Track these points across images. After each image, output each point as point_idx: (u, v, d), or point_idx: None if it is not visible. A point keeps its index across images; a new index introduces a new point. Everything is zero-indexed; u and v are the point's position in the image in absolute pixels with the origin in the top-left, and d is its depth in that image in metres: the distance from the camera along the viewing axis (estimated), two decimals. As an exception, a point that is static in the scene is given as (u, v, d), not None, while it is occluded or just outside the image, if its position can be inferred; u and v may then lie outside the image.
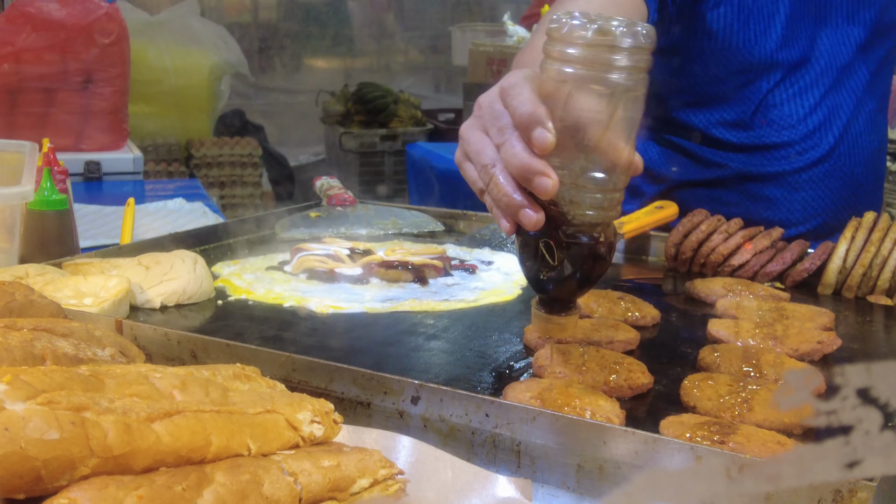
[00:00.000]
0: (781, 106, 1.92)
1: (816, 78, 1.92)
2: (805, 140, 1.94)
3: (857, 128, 1.97)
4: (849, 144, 1.96)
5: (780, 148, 1.94)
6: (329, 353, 1.32)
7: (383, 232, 2.05)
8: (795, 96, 1.92)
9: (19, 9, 3.66)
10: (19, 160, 2.08)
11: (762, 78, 1.89)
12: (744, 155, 1.95)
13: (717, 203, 1.96)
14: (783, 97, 1.92)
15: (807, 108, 1.92)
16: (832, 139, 1.94)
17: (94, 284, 1.44)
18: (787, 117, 1.92)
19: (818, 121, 1.93)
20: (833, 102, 1.94)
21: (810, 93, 1.92)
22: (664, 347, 1.37)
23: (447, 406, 1.09)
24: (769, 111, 1.92)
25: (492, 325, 1.47)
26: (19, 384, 0.75)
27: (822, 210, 1.98)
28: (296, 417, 0.91)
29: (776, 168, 1.95)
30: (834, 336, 1.33)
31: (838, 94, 1.94)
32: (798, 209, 1.97)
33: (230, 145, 5.93)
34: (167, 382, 0.87)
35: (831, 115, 1.94)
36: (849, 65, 1.94)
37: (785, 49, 1.88)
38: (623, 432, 0.99)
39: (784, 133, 1.93)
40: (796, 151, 1.94)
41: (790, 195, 1.97)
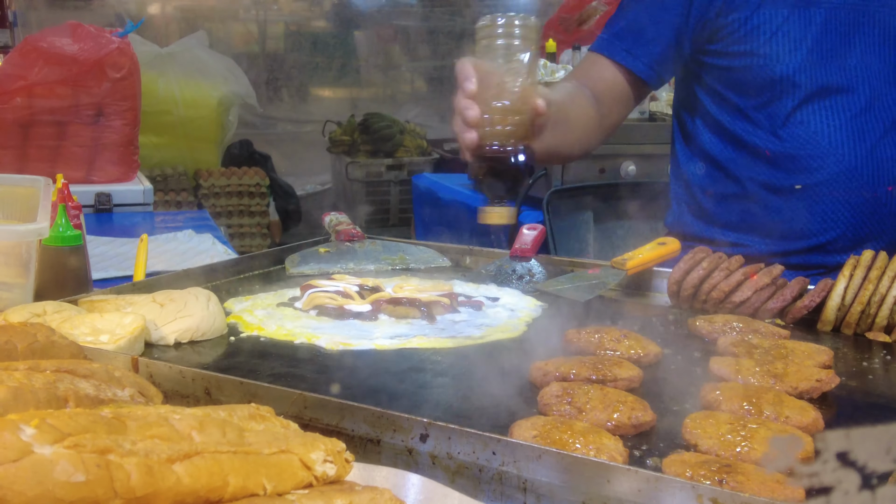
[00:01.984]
0: (807, 123, 2.06)
1: (846, 99, 2.04)
2: (826, 156, 2.05)
3: (884, 151, 2.05)
4: (874, 166, 2.05)
5: (802, 160, 2.06)
6: (340, 389, 1.35)
7: (391, 267, 2.09)
8: (822, 114, 2.05)
9: (32, 44, 3.72)
10: (33, 194, 2.12)
11: (788, 95, 2.05)
12: (770, 166, 2.10)
13: (743, 212, 2.16)
14: (809, 114, 2.05)
15: (832, 127, 2.04)
16: (854, 158, 2.04)
17: (110, 322, 1.48)
18: (813, 133, 2.05)
19: (842, 139, 2.04)
20: (861, 124, 2.04)
21: (838, 113, 2.04)
22: (667, 385, 1.40)
23: (455, 444, 1.12)
24: (796, 127, 2.06)
25: (498, 361, 1.50)
26: (47, 428, 0.78)
27: (840, 223, 2.07)
28: (309, 457, 0.95)
29: (798, 180, 2.07)
30: (832, 374, 1.36)
31: (868, 116, 2.05)
32: (817, 220, 2.08)
33: (238, 175, 5.99)
34: (186, 424, 0.91)
35: (857, 135, 2.04)
36: (881, 90, 2.04)
37: (809, 70, 2.02)
38: (626, 471, 1.02)
39: (808, 147, 2.06)
40: (817, 165, 2.06)
41: (811, 206, 2.08)
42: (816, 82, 2.04)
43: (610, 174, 3.88)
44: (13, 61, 3.72)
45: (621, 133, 3.88)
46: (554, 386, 1.29)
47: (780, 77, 2.05)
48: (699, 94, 2.23)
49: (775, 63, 2.04)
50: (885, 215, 2.08)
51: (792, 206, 2.10)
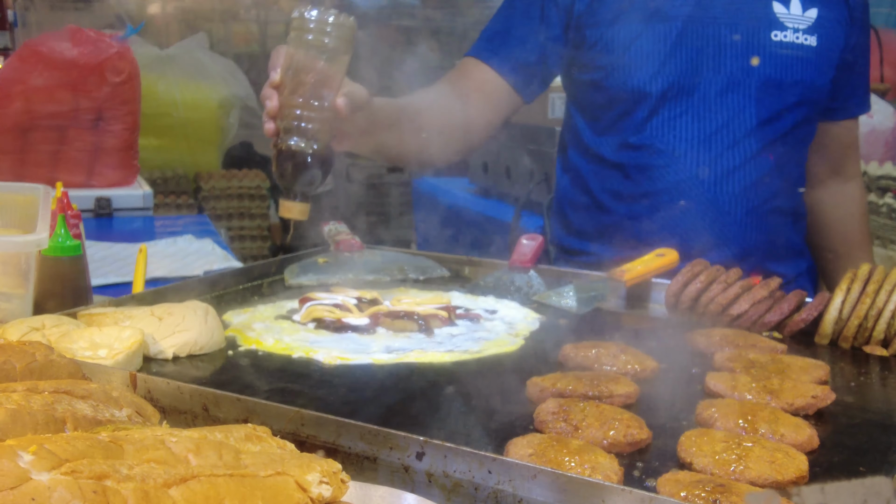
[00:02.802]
0: (656, 133, 2.19)
1: (695, 110, 2.17)
2: (670, 164, 2.18)
3: (730, 161, 2.17)
4: (717, 175, 2.17)
5: (649, 169, 2.20)
6: (336, 406, 1.36)
7: (390, 278, 2.09)
8: (671, 124, 2.18)
9: (32, 48, 3.73)
10: (32, 202, 2.13)
11: (640, 107, 2.18)
12: (621, 176, 2.24)
13: (595, 221, 2.31)
14: (659, 124, 2.18)
15: (678, 137, 2.17)
16: (695, 167, 2.17)
17: (109, 336, 1.49)
18: (661, 143, 2.19)
19: (686, 148, 2.17)
20: (709, 134, 2.17)
21: (686, 123, 2.17)
22: (663, 401, 1.41)
23: (451, 462, 1.12)
24: (646, 136, 2.20)
25: (495, 376, 1.51)
26: (44, 454, 0.79)
27: (682, 230, 2.18)
28: (305, 479, 0.95)
29: (644, 188, 2.21)
30: (828, 390, 1.36)
31: (716, 126, 2.17)
32: (659, 227, 2.19)
33: (238, 178, 5.98)
34: (182, 447, 0.91)
35: (703, 144, 2.17)
36: (734, 110, 2.17)
37: (660, 83, 2.15)
38: (620, 490, 1.02)
39: (654, 156, 2.19)
40: (660, 174, 2.20)
41: (656, 214, 2.21)
42: (667, 94, 2.16)
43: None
44: (13, 66, 3.73)
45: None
46: (550, 402, 1.29)
47: (633, 89, 2.17)
48: (570, 110, 2.36)
49: (628, 76, 2.17)
50: (728, 223, 2.18)
51: (639, 215, 2.22)
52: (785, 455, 1.15)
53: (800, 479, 1.13)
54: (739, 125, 2.17)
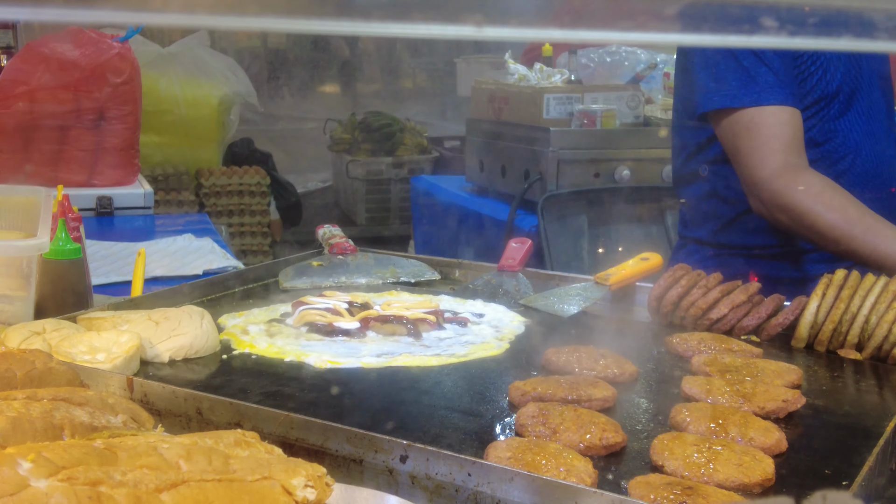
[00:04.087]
0: (839, 128, 2.25)
1: (859, 107, 2.26)
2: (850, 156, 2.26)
3: (889, 151, 2.31)
4: (889, 164, 2.30)
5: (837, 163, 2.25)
6: (326, 409, 1.41)
7: (382, 281, 2.15)
8: (849, 119, 2.26)
9: (34, 49, 3.78)
10: (34, 204, 2.18)
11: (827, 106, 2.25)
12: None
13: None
14: (841, 120, 2.25)
15: (858, 131, 2.26)
16: (874, 158, 2.27)
17: (107, 340, 1.54)
18: (843, 138, 2.26)
19: (861, 141, 2.26)
20: (873, 128, 2.27)
21: (854, 119, 2.26)
22: (640, 405, 1.46)
23: (433, 465, 1.18)
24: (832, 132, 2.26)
25: (479, 380, 1.56)
26: (42, 461, 0.84)
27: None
28: (290, 483, 1.00)
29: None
30: (798, 395, 1.41)
31: (877, 121, 2.28)
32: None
33: (239, 175, 6.04)
34: (174, 453, 0.97)
35: (871, 138, 2.27)
36: (881, 102, 2.30)
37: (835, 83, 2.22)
38: (592, 493, 1.08)
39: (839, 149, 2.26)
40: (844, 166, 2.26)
41: None
42: (838, 93, 2.23)
43: (604, 178, 3.92)
44: (15, 66, 3.78)
45: (615, 137, 3.94)
46: (530, 407, 1.34)
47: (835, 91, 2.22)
48: None
49: (831, 78, 2.21)
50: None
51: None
52: (752, 458, 1.20)
53: (766, 481, 1.18)
54: (883, 117, 2.28)
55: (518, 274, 2.10)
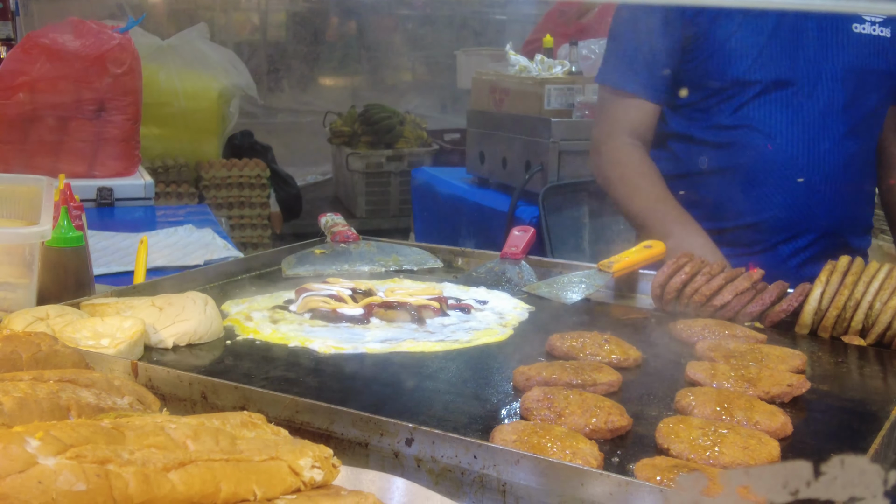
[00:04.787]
0: (756, 115, 2.32)
1: (790, 96, 2.31)
2: (767, 143, 2.31)
3: (823, 145, 2.31)
4: (810, 156, 2.31)
5: (746, 147, 2.34)
6: (330, 393, 1.41)
7: (385, 269, 2.15)
8: (770, 108, 2.31)
9: (34, 40, 3.77)
10: (35, 193, 2.18)
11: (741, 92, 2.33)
12: (722, 151, 2.37)
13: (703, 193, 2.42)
14: (759, 108, 2.32)
15: (774, 119, 2.31)
16: (793, 147, 2.30)
17: (111, 326, 1.54)
18: (760, 124, 2.32)
19: (779, 130, 2.31)
20: (802, 120, 2.31)
21: (781, 108, 2.31)
22: (645, 389, 1.46)
23: (438, 448, 1.18)
24: (743, 118, 2.34)
25: (484, 366, 1.56)
26: (50, 440, 0.84)
27: (774, 205, 2.31)
28: (297, 463, 1.00)
29: (742, 165, 2.34)
30: (803, 379, 1.41)
31: (810, 115, 2.31)
32: (753, 200, 2.34)
33: (238, 167, 6.04)
34: (181, 433, 0.96)
35: (796, 128, 2.31)
36: (824, 97, 2.31)
37: (759, 71, 2.29)
38: (599, 475, 1.08)
39: (751, 136, 2.33)
40: (759, 152, 2.33)
41: (752, 189, 2.34)
42: (764, 81, 2.31)
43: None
44: (16, 57, 3.77)
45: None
46: (535, 391, 1.34)
47: (734, 78, 2.32)
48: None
49: (727, 66, 2.32)
50: (818, 202, 2.32)
51: (733, 188, 2.36)
52: (758, 441, 1.20)
53: (771, 464, 1.18)
54: (828, 111, 2.31)
55: (521, 262, 2.10)
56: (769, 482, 0.45)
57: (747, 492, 0.48)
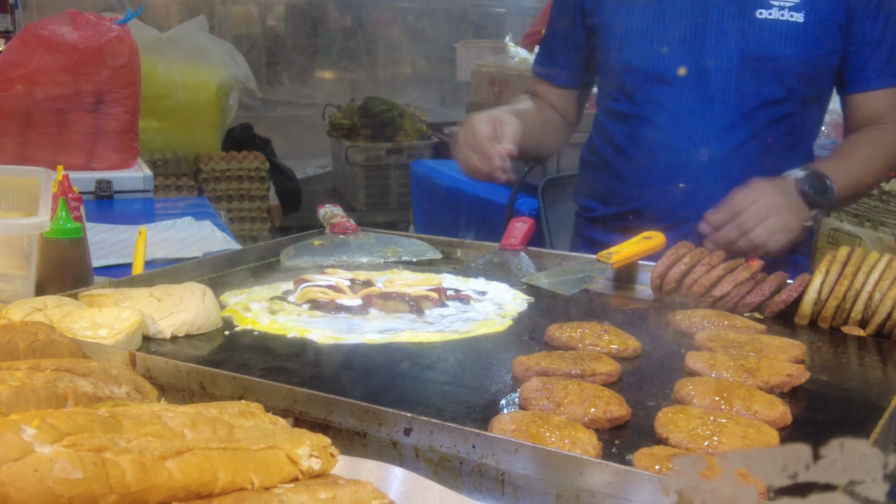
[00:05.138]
0: (644, 102, 2.39)
1: (677, 84, 2.34)
2: (655, 130, 2.37)
3: (708, 132, 2.32)
4: (689, 142, 2.33)
5: (637, 137, 2.41)
6: (329, 383, 1.41)
7: (384, 260, 2.14)
8: (656, 95, 2.36)
9: (32, 32, 3.76)
10: (34, 185, 2.17)
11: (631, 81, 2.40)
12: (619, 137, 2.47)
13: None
14: (647, 95, 2.38)
15: (664, 109, 2.35)
16: (674, 131, 2.34)
17: (109, 316, 1.53)
18: (650, 113, 2.37)
19: (669, 120, 2.35)
20: (692, 109, 2.33)
21: (673, 97, 2.35)
22: (644, 379, 1.46)
23: (437, 437, 1.17)
24: (637, 106, 2.41)
25: (482, 356, 1.56)
26: (46, 428, 0.84)
27: (656, 192, 2.34)
28: (295, 452, 1.00)
29: (632, 152, 2.42)
30: (803, 369, 1.41)
31: (701, 104, 2.32)
32: (639, 187, 2.40)
33: (238, 160, 6.03)
34: (178, 422, 0.96)
35: (687, 118, 2.33)
36: (716, 85, 2.31)
37: (646, 58, 2.36)
38: (597, 464, 1.07)
39: (641, 125, 2.40)
40: (647, 138, 2.39)
41: (637, 175, 2.41)
42: (656, 69, 2.35)
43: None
44: (14, 49, 3.76)
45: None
46: (534, 381, 1.34)
47: (626, 64, 2.39)
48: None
49: (622, 52, 2.39)
50: (705, 194, 2.27)
51: (624, 173, 2.45)
52: (757, 431, 1.20)
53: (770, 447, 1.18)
54: (717, 99, 2.31)
55: (520, 253, 2.10)
56: (768, 465, 0.45)
57: (745, 475, 0.48)
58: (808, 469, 0.45)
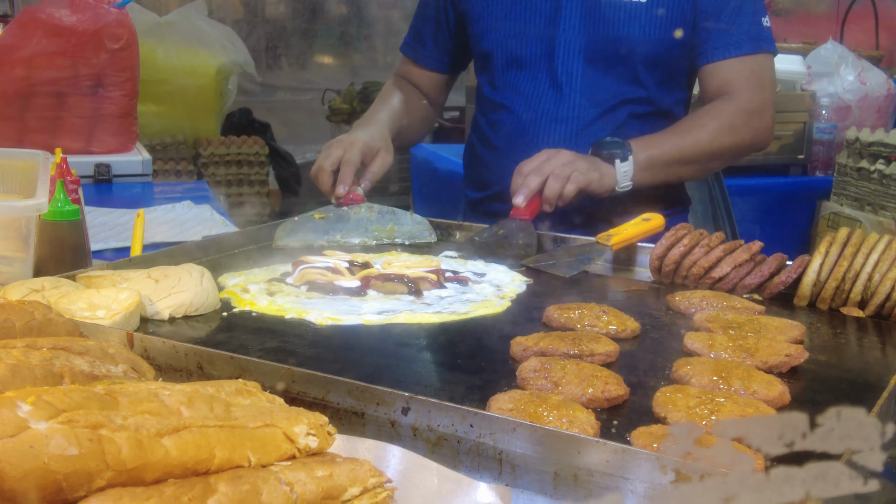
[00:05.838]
0: (500, 87, 2.49)
1: (529, 70, 2.44)
2: (509, 119, 2.47)
3: (559, 114, 2.40)
4: (539, 126, 2.42)
5: (497, 124, 2.52)
6: (327, 364, 1.40)
7: (375, 242, 2.14)
8: (511, 80, 2.47)
9: (31, 15, 3.75)
10: (32, 168, 2.17)
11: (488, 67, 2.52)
12: (485, 123, 2.59)
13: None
14: (502, 80, 2.48)
15: (517, 92, 2.45)
16: (527, 116, 2.43)
17: (107, 297, 1.53)
18: (505, 97, 2.48)
19: (520, 103, 2.45)
20: (542, 91, 2.42)
21: (523, 80, 2.45)
22: (642, 360, 1.45)
23: (435, 417, 1.17)
24: (495, 92, 2.52)
25: (480, 337, 1.55)
26: (42, 405, 0.83)
27: (506, 173, 2.32)
28: (293, 431, 1.00)
29: (493, 138, 2.53)
30: (801, 349, 1.41)
31: (550, 87, 2.41)
32: (495, 169, 2.51)
33: (237, 144, 6.02)
34: (175, 399, 0.96)
35: (536, 101, 2.42)
36: (565, 66, 2.39)
37: (500, 44, 2.45)
38: (595, 443, 1.07)
39: (498, 110, 2.50)
40: (502, 122, 2.50)
41: (494, 158, 2.54)
42: (505, 55, 2.45)
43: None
44: (12, 33, 3.75)
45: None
46: (532, 361, 1.34)
47: (481, 52, 2.51)
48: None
49: (481, 39, 2.49)
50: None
51: (484, 156, 2.57)
52: (755, 410, 1.20)
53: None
54: (566, 81, 2.38)
55: (529, 225, 2.09)
56: (764, 434, 0.44)
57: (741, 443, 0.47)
58: (804, 438, 0.44)
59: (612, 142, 2.24)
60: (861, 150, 4.01)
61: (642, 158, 2.24)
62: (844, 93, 4.43)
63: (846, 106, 4.41)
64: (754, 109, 2.35)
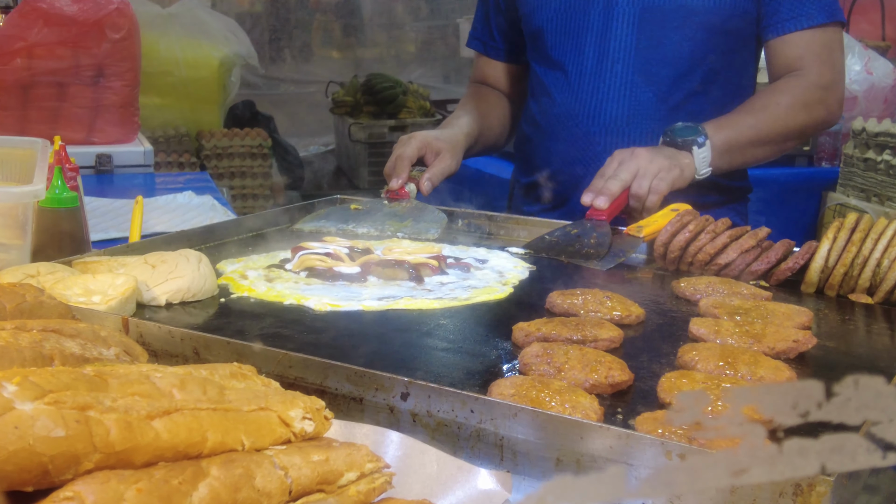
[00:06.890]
0: (545, 64, 2.41)
1: (579, 43, 2.34)
2: (557, 97, 2.38)
3: (609, 93, 2.30)
4: (590, 106, 2.32)
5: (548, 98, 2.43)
6: (326, 350, 1.38)
7: (378, 232, 2.11)
8: (558, 56, 2.37)
9: (32, 4, 3.73)
10: (31, 156, 2.15)
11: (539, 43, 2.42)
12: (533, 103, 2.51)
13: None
14: (548, 57, 2.38)
15: (568, 66, 2.35)
16: (575, 95, 2.34)
17: (103, 283, 1.51)
18: (545, 76, 2.40)
19: (573, 78, 2.35)
20: (594, 66, 2.32)
21: (574, 54, 2.34)
22: (647, 345, 1.43)
23: (434, 402, 1.15)
24: (539, 70, 2.44)
25: (482, 323, 1.53)
26: (28, 385, 0.81)
27: (560, 157, 2.36)
28: (288, 414, 0.97)
29: (540, 119, 2.45)
30: (809, 335, 1.38)
31: (601, 60, 2.30)
32: (545, 153, 2.44)
33: (240, 136, 6.00)
34: (167, 382, 0.93)
35: (588, 76, 2.32)
36: (618, 39, 2.28)
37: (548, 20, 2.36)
38: (598, 428, 1.05)
39: (547, 91, 2.41)
40: (550, 104, 2.40)
41: (543, 142, 2.45)
42: (554, 29, 2.35)
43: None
44: (13, 22, 3.73)
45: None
46: (534, 346, 1.31)
47: (533, 28, 2.40)
48: None
49: (531, 17, 2.39)
50: (598, 155, 2.27)
51: (534, 140, 2.47)
52: (762, 395, 1.17)
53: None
54: (617, 57, 2.28)
55: (606, 225, 1.96)
56: (777, 402, 0.42)
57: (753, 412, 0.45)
58: (820, 407, 0.42)
59: (686, 127, 2.12)
60: (867, 140, 3.98)
61: (719, 142, 2.11)
62: (851, 83, 4.39)
63: (852, 96, 4.37)
64: (826, 84, 2.24)
